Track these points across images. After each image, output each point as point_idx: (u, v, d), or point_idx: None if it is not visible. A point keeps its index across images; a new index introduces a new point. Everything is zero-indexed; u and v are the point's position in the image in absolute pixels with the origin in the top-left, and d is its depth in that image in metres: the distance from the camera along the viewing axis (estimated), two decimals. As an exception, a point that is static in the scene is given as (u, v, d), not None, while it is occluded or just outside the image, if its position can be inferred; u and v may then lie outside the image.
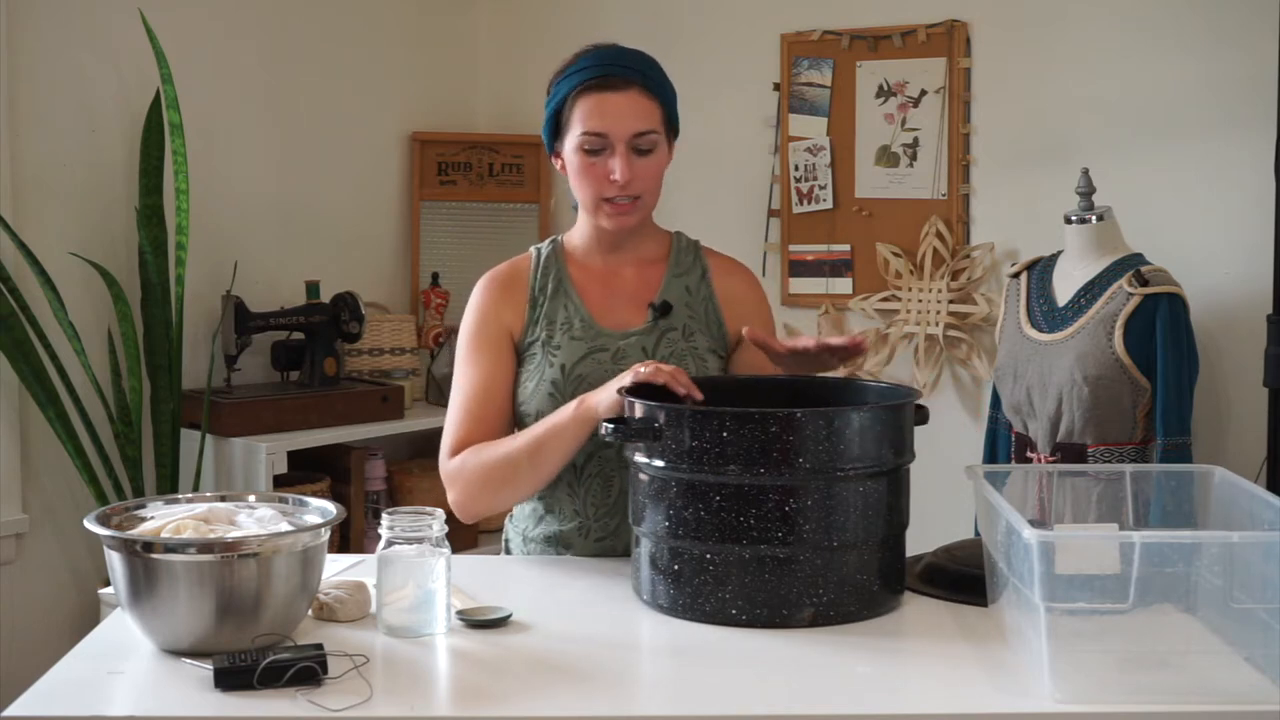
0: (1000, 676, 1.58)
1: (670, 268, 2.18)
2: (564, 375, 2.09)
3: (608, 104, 2.04)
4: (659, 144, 2.08)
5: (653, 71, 2.09)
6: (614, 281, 2.17)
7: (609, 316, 2.14)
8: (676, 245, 2.21)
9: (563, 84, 2.09)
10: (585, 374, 2.08)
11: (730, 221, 3.87)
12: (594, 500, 2.09)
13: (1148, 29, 3.35)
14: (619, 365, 2.07)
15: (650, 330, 2.12)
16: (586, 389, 2.04)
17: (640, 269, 2.18)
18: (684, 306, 2.15)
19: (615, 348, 2.11)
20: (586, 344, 2.11)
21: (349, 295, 3.63)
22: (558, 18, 4.10)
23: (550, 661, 1.64)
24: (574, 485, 2.10)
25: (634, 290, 2.16)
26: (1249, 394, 3.16)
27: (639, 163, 2.06)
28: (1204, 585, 1.60)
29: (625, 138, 2.04)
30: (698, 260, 2.20)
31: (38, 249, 3.14)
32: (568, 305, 2.14)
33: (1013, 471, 2.05)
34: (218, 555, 1.59)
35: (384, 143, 4.05)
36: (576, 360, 2.09)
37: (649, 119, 2.06)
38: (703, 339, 2.15)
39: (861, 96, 3.71)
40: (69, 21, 3.30)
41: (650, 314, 2.13)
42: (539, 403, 2.09)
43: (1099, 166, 3.13)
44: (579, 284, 2.16)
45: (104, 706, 1.51)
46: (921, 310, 3.63)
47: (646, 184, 2.08)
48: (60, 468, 3.27)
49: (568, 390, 2.07)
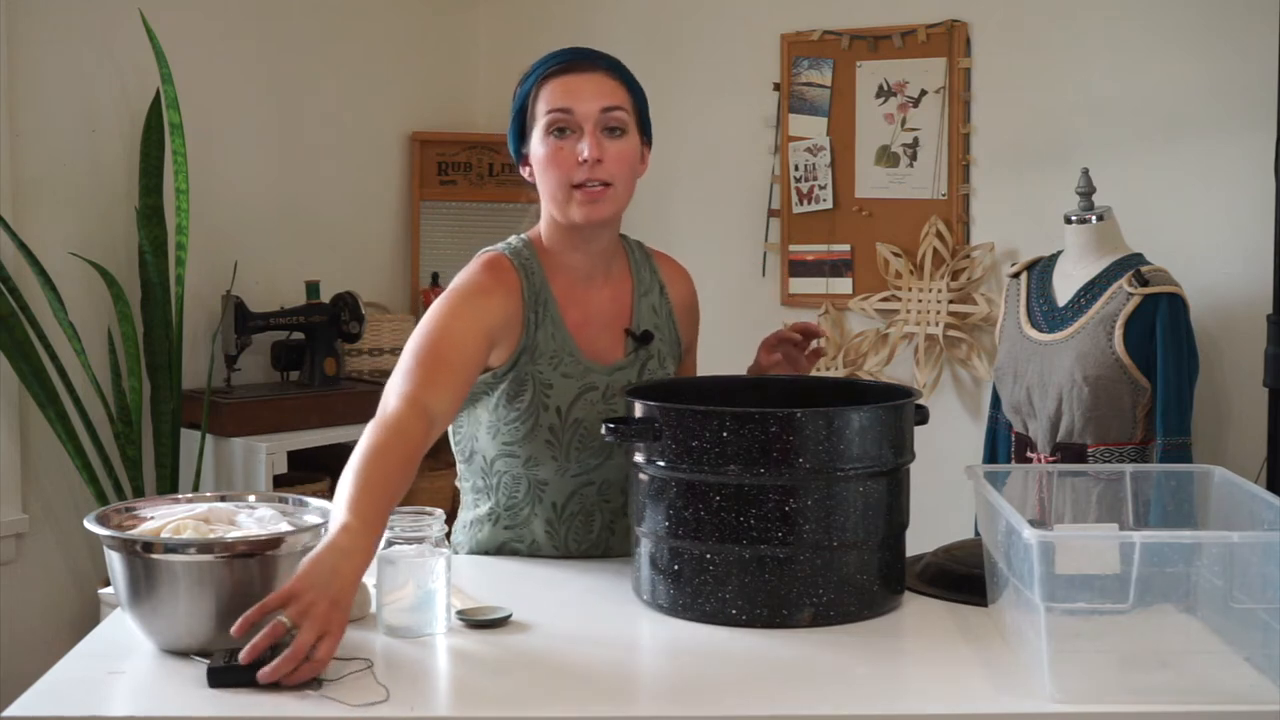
0: (1000, 676, 1.58)
1: (635, 287, 2.10)
2: (560, 420, 2.00)
3: (573, 83, 1.97)
4: (629, 128, 1.98)
5: (620, 64, 2.03)
6: (590, 304, 2.06)
7: (590, 343, 2.04)
8: (633, 258, 2.13)
9: (527, 81, 2.03)
10: (581, 418, 2.00)
11: (730, 221, 3.88)
12: (575, 537, 2.06)
13: (1148, 29, 3.35)
14: (610, 406, 2.01)
15: (632, 363, 2.06)
16: (583, 433, 2.00)
17: (612, 288, 2.08)
18: (655, 330, 2.10)
19: (604, 385, 2.02)
20: (577, 382, 2.01)
21: (349, 295, 3.63)
22: (558, 18, 4.10)
23: (550, 661, 1.64)
24: (554, 524, 2.05)
25: (610, 312, 2.07)
26: (1249, 394, 3.16)
27: (609, 145, 1.95)
28: (1204, 585, 1.60)
29: (593, 115, 1.95)
30: (654, 274, 2.13)
31: (38, 249, 3.14)
32: (555, 334, 2.01)
33: (1013, 471, 2.05)
34: (218, 555, 1.59)
35: (384, 143, 4.05)
36: (571, 402, 2.00)
37: (617, 96, 1.97)
38: (670, 361, 2.12)
39: (861, 96, 3.71)
40: (69, 21, 3.30)
41: (629, 344, 2.06)
42: (533, 448, 2.01)
43: (1099, 166, 3.13)
44: (561, 305, 2.03)
45: (104, 706, 1.51)
46: (921, 310, 3.63)
47: (618, 169, 1.96)
48: (60, 468, 3.27)
49: (564, 438, 2.00)
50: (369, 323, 3.73)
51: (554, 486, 2.04)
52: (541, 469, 2.03)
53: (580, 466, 2.03)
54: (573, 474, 2.04)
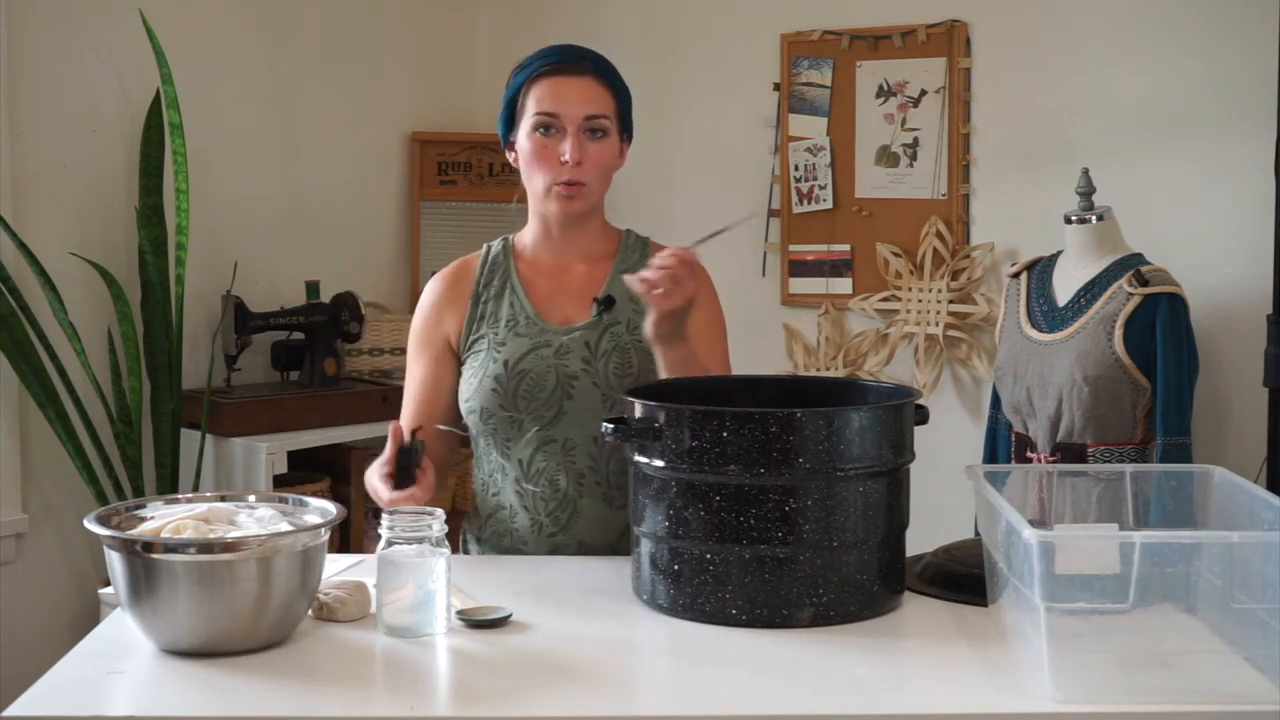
0: (1000, 676, 1.58)
1: (617, 264, 2.20)
2: (506, 370, 2.11)
3: (560, 86, 2.11)
4: (610, 131, 2.12)
5: (607, 65, 2.16)
6: (561, 278, 2.20)
7: (554, 312, 2.17)
8: (625, 242, 2.24)
9: (519, 74, 2.15)
10: (528, 369, 2.11)
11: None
12: (543, 497, 2.12)
13: (1148, 29, 3.35)
14: (561, 360, 2.11)
15: (594, 325, 2.14)
16: (529, 383, 2.10)
17: (589, 265, 2.20)
18: (628, 300, 2.14)
19: (558, 343, 2.13)
20: (530, 339, 2.13)
21: (349, 295, 3.64)
22: (558, 18, 4.10)
23: (550, 661, 1.64)
24: (521, 483, 2.13)
25: (581, 286, 2.19)
26: (1249, 394, 3.16)
27: (590, 146, 2.10)
28: (1204, 585, 1.60)
29: (577, 120, 2.09)
30: (644, 255, 2.20)
31: (38, 249, 3.14)
32: (514, 302, 2.17)
33: (1013, 471, 2.05)
34: (218, 555, 1.59)
35: (384, 143, 4.05)
36: (520, 356, 2.12)
37: (600, 104, 2.11)
38: (642, 333, 2.14)
39: (861, 96, 3.71)
40: (69, 21, 3.30)
41: (594, 308, 2.14)
42: (482, 398, 2.12)
43: (1099, 166, 3.13)
44: (526, 279, 2.19)
45: (104, 706, 1.51)
46: (921, 310, 3.63)
47: (595, 170, 2.11)
48: (60, 468, 3.27)
49: (510, 385, 2.11)
50: (369, 323, 3.73)
51: (516, 444, 2.12)
52: (497, 422, 2.12)
53: (534, 419, 2.10)
54: (530, 427, 2.11)
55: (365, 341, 3.77)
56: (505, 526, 2.16)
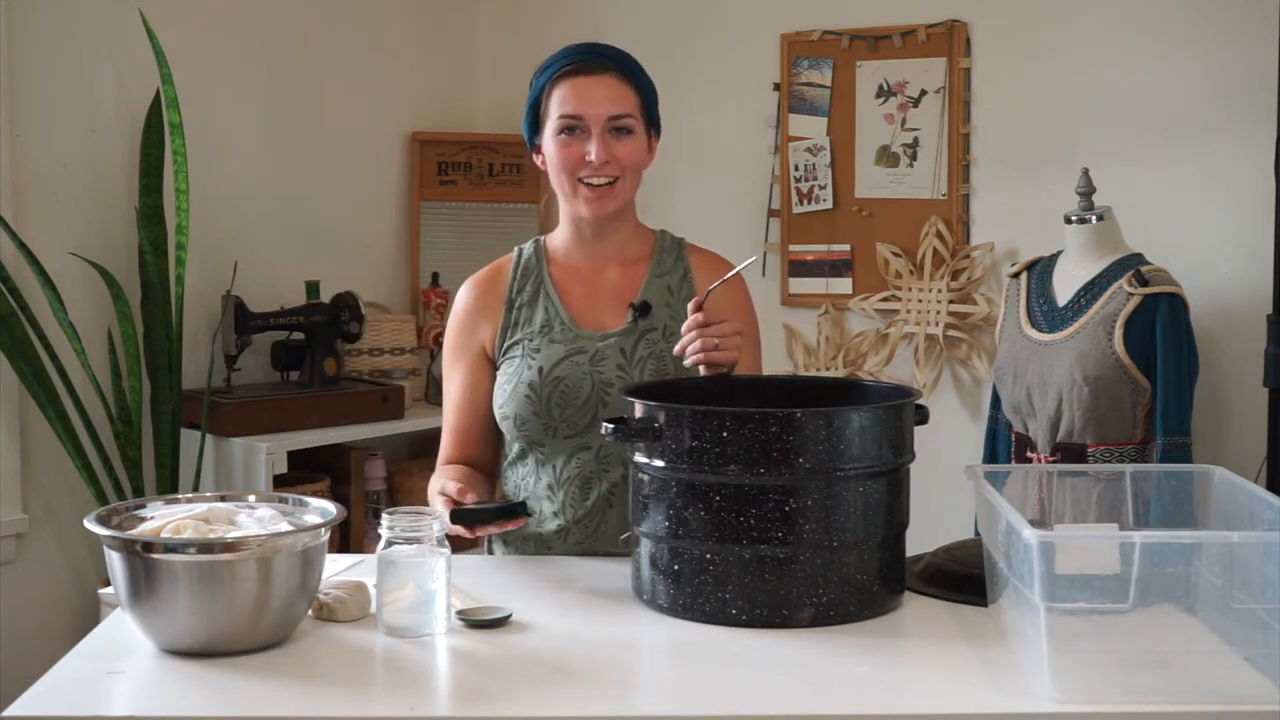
0: (1000, 676, 1.58)
1: (652, 268, 2.18)
2: (541, 377, 2.09)
3: (582, 87, 2.08)
4: (636, 128, 2.10)
5: (629, 61, 2.14)
6: (596, 282, 2.17)
7: (589, 318, 2.14)
8: (660, 244, 2.21)
9: (541, 76, 2.13)
10: (563, 376, 2.09)
11: (730, 221, 3.87)
12: (572, 504, 2.10)
13: (1148, 29, 3.35)
14: (596, 367, 2.09)
15: (630, 331, 2.12)
16: (564, 391, 2.07)
17: (623, 269, 2.18)
18: (665, 306, 2.14)
19: (594, 349, 2.11)
20: (565, 346, 2.11)
21: (349, 295, 3.63)
22: (558, 18, 4.10)
23: (550, 661, 1.64)
24: (554, 489, 2.11)
25: (616, 291, 2.16)
26: (1249, 394, 3.16)
27: (615, 145, 2.08)
28: (1204, 585, 1.60)
29: (601, 120, 2.07)
30: (680, 259, 2.20)
31: (38, 249, 3.14)
32: (548, 307, 2.15)
33: (1013, 471, 2.05)
34: (218, 555, 1.59)
35: (384, 143, 4.05)
36: (555, 363, 2.10)
37: (624, 103, 2.09)
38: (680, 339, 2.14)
39: (861, 96, 3.71)
40: (69, 21, 3.30)
41: (630, 314, 2.13)
42: (516, 405, 2.10)
43: (1099, 166, 3.13)
44: (560, 285, 2.17)
45: (104, 706, 1.51)
46: (921, 310, 3.63)
47: (623, 166, 2.09)
48: (60, 468, 3.27)
49: (544, 392, 2.08)
50: (369, 323, 3.73)
51: (550, 449, 2.11)
52: (531, 429, 2.10)
53: (569, 427, 2.08)
54: (564, 434, 2.09)
55: (365, 341, 3.77)
56: (533, 531, 2.14)
